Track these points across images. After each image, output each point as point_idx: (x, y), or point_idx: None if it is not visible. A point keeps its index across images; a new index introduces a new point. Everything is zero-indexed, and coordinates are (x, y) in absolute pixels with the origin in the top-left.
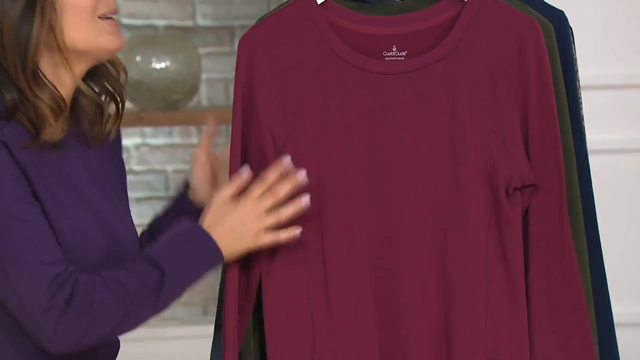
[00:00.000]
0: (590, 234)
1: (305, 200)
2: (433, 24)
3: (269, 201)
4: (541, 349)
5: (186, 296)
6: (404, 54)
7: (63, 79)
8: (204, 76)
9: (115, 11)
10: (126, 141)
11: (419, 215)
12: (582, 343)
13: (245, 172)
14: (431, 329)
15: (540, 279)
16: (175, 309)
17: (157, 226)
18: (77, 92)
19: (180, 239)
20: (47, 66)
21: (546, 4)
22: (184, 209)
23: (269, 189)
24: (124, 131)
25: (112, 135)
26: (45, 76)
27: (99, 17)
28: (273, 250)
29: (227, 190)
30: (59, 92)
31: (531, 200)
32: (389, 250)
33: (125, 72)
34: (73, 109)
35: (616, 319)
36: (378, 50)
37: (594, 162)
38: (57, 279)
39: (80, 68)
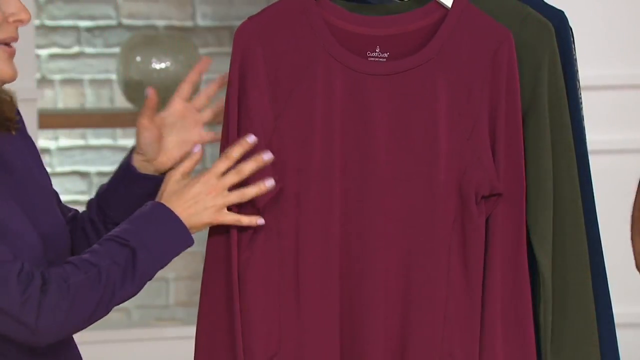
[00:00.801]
0: (590, 234)
1: (269, 183)
2: (415, 28)
3: (232, 178)
4: (489, 354)
5: (186, 296)
6: (386, 55)
7: None
8: (204, 76)
9: (15, 39)
10: (126, 141)
11: (390, 216)
12: (524, 352)
13: (197, 149)
14: (390, 330)
15: (493, 286)
16: (175, 310)
17: (102, 194)
18: None
19: (143, 216)
20: None
21: (546, 4)
22: (127, 176)
23: (233, 166)
24: (123, 131)
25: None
26: None
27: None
28: (250, 245)
29: (185, 166)
30: None
31: (493, 209)
32: (359, 249)
33: (14, 97)
34: None
35: (616, 319)
36: (363, 50)
37: (594, 162)
38: (22, 273)
39: None
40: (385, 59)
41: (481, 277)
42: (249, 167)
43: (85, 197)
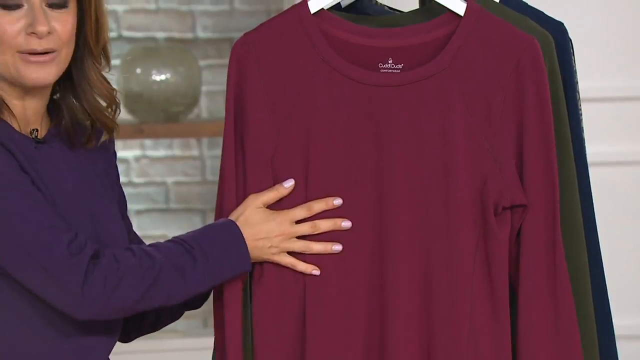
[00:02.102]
0: (590, 246)
1: (337, 248)
2: (431, 39)
3: (305, 229)
4: None
5: None
6: (400, 66)
7: (6, 91)
8: (204, 88)
9: (34, 51)
10: (126, 153)
11: (409, 230)
12: None
13: (289, 184)
14: (415, 346)
15: (530, 301)
16: (176, 322)
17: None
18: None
19: (214, 231)
20: None
21: (546, 15)
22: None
23: (310, 217)
24: (124, 143)
25: (95, 144)
26: None
27: (19, 52)
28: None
29: (266, 196)
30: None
31: (523, 221)
32: (379, 264)
33: (116, 105)
34: (56, 112)
35: (617, 331)
36: (373, 62)
37: (593, 174)
38: (73, 243)
39: (18, 89)
40: (399, 70)
41: (507, 291)
42: (325, 225)
43: None
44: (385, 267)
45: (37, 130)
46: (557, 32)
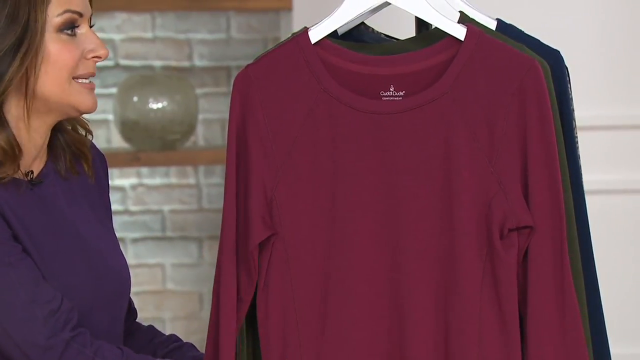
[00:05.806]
0: (587, 275)
1: None
2: (431, 64)
3: None
4: None
5: (183, 336)
6: (401, 93)
7: (30, 125)
8: (200, 116)
9: (93, 75)
10: (123, 181)
11: (420, 257)
12: None
13: None
14: None
15: (537, 324)
16: None
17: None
18: (56, 131)
19: None
20: (14, 109)
21: (542, 43)
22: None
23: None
24: (120, 171)
25: (90, 177)
26: (6, 119)
27: (75, 78)
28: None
29: None
30: (15, 139)
31: (529, 242)
32: (395, 291)
33: (91, 133)
34: (52, 146)
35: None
36: (375, 90)
37: (589, 202)
38: (51, 317)
39: (47, 120)
40: (401, 97)
41: (516, 315)
42: None
43: None
44: (400, 294)
45: (32, 172)
46: (553, 60)
